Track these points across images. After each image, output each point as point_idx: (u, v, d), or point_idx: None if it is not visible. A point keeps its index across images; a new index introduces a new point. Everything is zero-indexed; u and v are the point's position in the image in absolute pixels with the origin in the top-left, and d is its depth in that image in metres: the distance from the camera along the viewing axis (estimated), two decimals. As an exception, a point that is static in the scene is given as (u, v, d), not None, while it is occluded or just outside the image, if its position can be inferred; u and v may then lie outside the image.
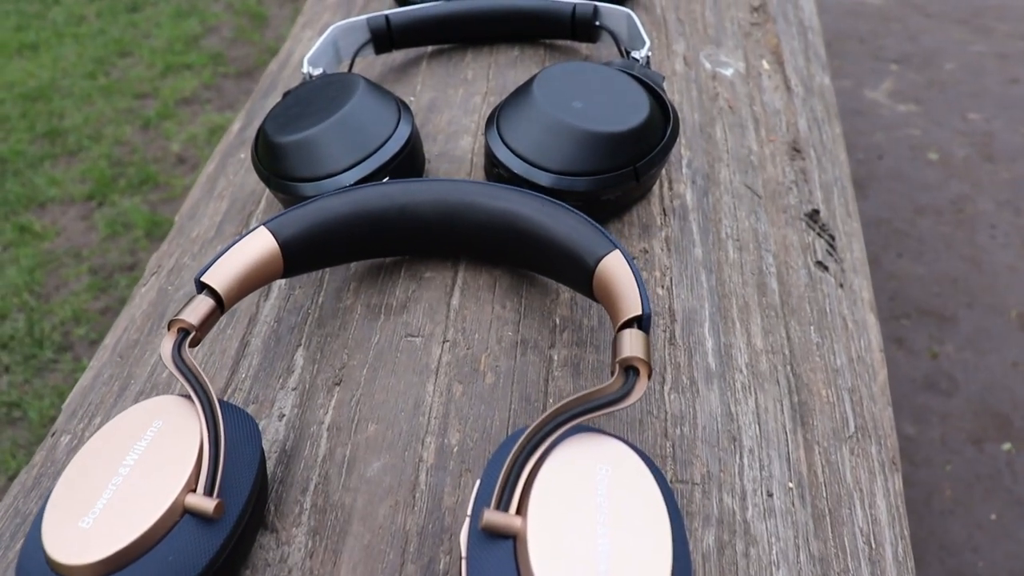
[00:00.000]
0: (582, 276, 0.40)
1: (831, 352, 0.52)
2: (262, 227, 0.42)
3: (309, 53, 0.57)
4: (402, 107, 0.50)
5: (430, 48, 0.64)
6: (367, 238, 0.44)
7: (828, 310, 0.55)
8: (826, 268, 0.58)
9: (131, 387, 0.47)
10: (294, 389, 0.42)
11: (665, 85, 0.62)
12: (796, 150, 0.66)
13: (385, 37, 0.60)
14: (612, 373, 0.34)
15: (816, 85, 0.77)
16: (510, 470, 0.31)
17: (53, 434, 0.48)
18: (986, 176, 1.87)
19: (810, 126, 0.69)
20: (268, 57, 2.19)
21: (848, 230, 0.67)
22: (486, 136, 0.48)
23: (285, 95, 0.54)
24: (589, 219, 0.41)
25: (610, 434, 0.33)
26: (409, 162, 0.49)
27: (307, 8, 0.81)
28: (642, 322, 0.36)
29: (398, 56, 0.64)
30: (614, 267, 0.38)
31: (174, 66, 2.19)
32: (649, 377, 0.34)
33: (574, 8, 0.59)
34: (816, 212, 0.62)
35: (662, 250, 0.49)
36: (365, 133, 0.48)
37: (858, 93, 2.10)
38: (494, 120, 0.49)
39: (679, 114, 0.59)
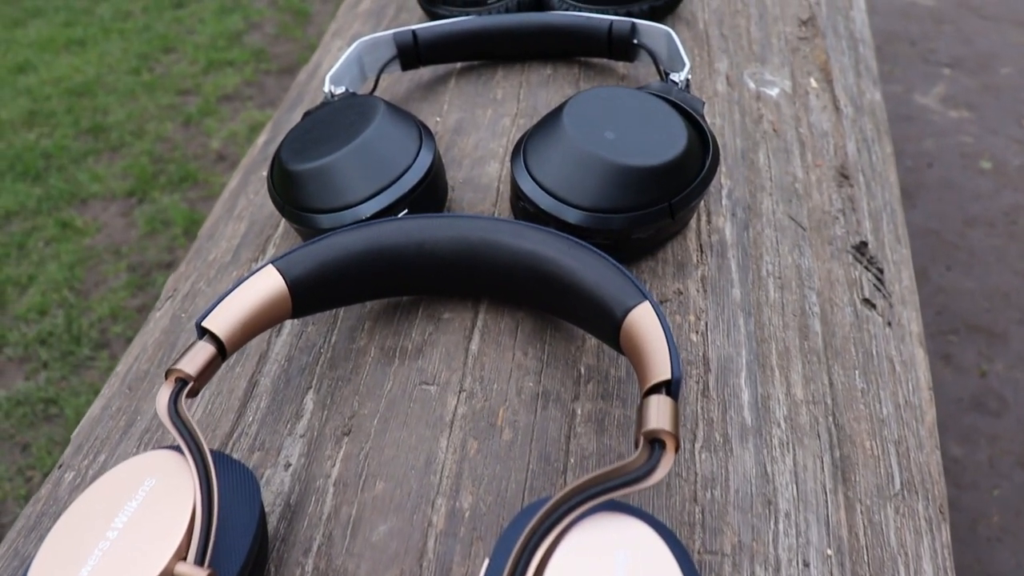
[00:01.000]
0: (608, 327, 0.37)
1: (876, 400, 0.49)
2: (270, 265, 0.39)
3: (332, 70, 0.54)
4: (424, 132, 0.48)
5: (459, 64, 0.61)
6: (382, 276, 0.41)
7: (875, 353, 0.51)
8: (873, 306, 0.55)
9: (137, 424, 0.45)
10: (302, 436, 0.40)
11: (706, 108, 0.58)
12: (844, 176, 0.62)
13: (412, 53, 0.57)
14: (636, 444, 0.31)
15: (866, 102, 0.72)
16: (520, 554, 0.28)
17: (59, 466, 0.46)
18: (1041, 186, 1.79)
19: (859, 148, 0.65)
20: (310, 54, 2.18)
21: (897, 258, 0.63)
22: (512, 167, 0.45)
23: (305, 115, 0.51)
24: (619, 265, 0.38)
25: (632, 510, 0.30)
26: (430, 192, 0.46)
27: (339, 16, 0.79)
28: (671, 388, 0.32)
29: (425, 73, 0.61)
30: (643, 321, 0.35)
31: (216, 62, 2.19)
32: (677, 450, 0.31)
33: (611, 25, 0.56)
34: (864, 244, 0.59)
35: (697, 291, 0.46)
36: (384, 162, 0.45)
37: (908, 98, 2.03)
38: (521, 150, 0.46)
39: (720, 142, 0.56)
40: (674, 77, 0.51)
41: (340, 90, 0.54)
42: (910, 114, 1.99)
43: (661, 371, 0.33)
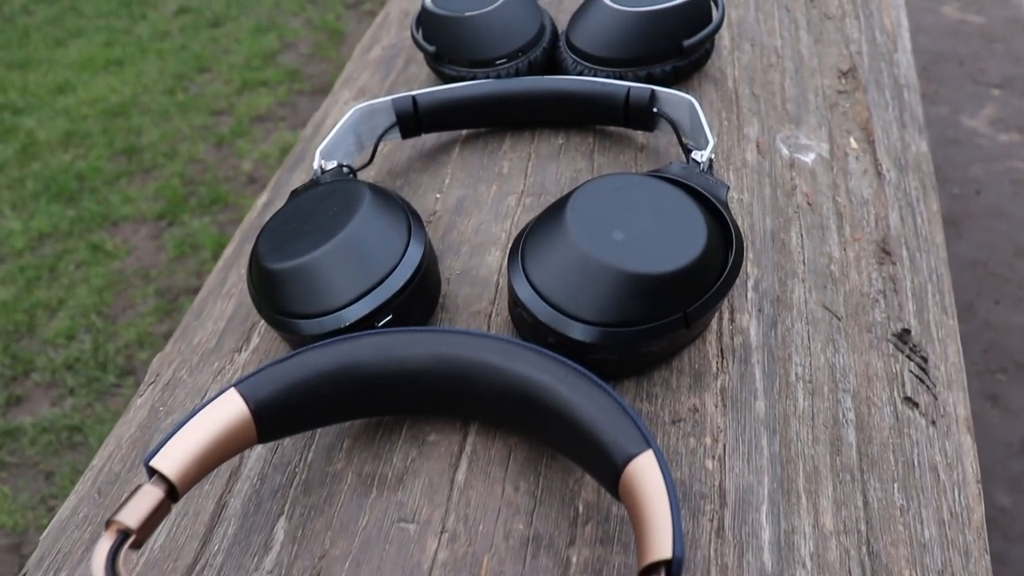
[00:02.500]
0: (607, 473, 0.32)
1: (917, 519, 0.43)
2: (232, 390, 0.35)
3: (323, 143, 0.50)
4: (413, 222, 0.43)
5: (464, 131, 0.57)
6: (358, 398, 0.36)
7: (916, 462, 0.46)
8: (915, 404, 0.49)
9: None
10: (269, 573, 0.36)
11: (734, 182, 0.53)
12: (885, 252, 0.56)
13: (412, 121, 0.53)
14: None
15: (911, 156, 0.67)
16: None
17: (24, 574, 0.42)
18: (1097, 216, 1.70)
19: (903, 216, 0.59)
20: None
21: (943, 332, 0.57)
22: (508, 270, 0.40)
23: (292, 196, 0.47)
24: (622, 402, 0.33)
25: None
26: (420, 292, 0.42)
27: (348, 65, 0.75)
28: (671, 569, 0.27)
29: (429, 138, 0.57)
30: (645, 474, 0.30)
31: (251, 83, 2.17)
32: None
33: (628, 92, 0.51)
34: (906, 332, 0.53)
35: (716, 406, 0.41)
36: (368, 260, 0.40)
37: (955, 120, 1.94)
38: (519, 250, 0.41)
39: (747, 222, 0.51)
40: (696, 156, 0.46)
41: (331, 165, 0.49)
42: (957, 137, 1.90)
43: (660, 547, 0.28)
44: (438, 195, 0.52)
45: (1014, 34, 2.16)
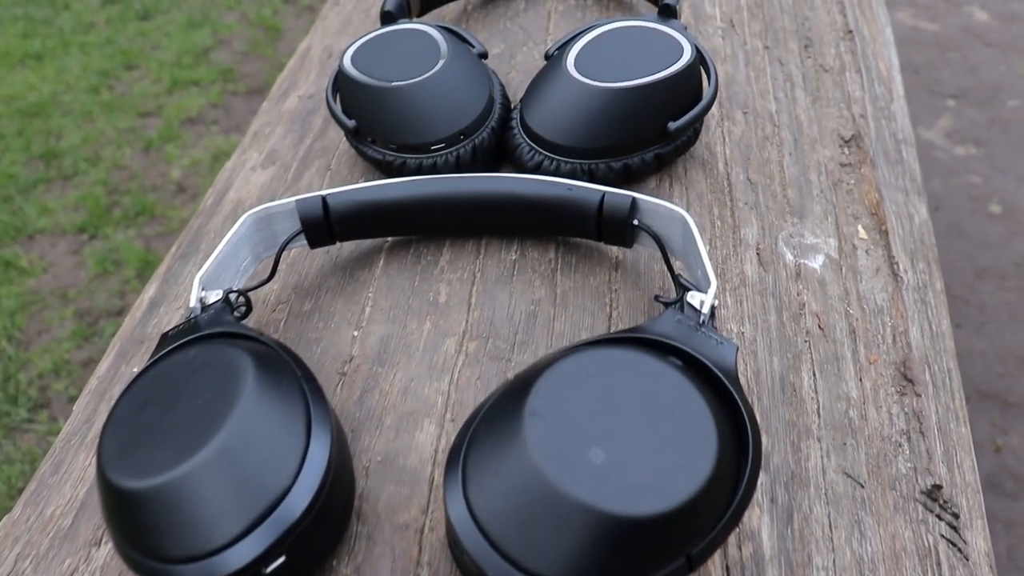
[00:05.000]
0: None
1: None
2: None
3: (204, 267, 0.36)
4: (315, 407, 0.30)
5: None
6: None
7: None
8: (957, 596, 0.38)
9: None
10: None
11: (730, 302, 0.41)
12: (907, 379, 0.45)
13: (322, 228, 0.40)
14: None
15: (917, 231, 0.55)
16: None
17: None
18: (1056, 237, 1.63)
19: (922, 328, 0.48)
20: (279, 75, 1.98)
21: (964, 464, 0.46)
22: (445, 492, 0.28)
23: (160, 343, 0.34)
24: None
25: None
26: (326, 515, 0.29)
27: (259, 115, 0.61)
28: None
29: (347, 246, 0.43)
30: None
31: (181, 82, 1.99)
32: None
33: (602, 199, 0.38)
34: (937, 488, 0.42)
35: None
36: (253, 478, 0.28)
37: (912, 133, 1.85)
38: (459, 465, 0.28)
39: (751, 367, 0.38)
40: (694, 299, 0.34)
41: (215, 296, 0.36)
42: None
43: None
44: (355, 332, 0.38)
45: (968, 43, 2.08)
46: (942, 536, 0.40)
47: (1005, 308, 1.51)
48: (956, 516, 0.42)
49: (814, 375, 0.41)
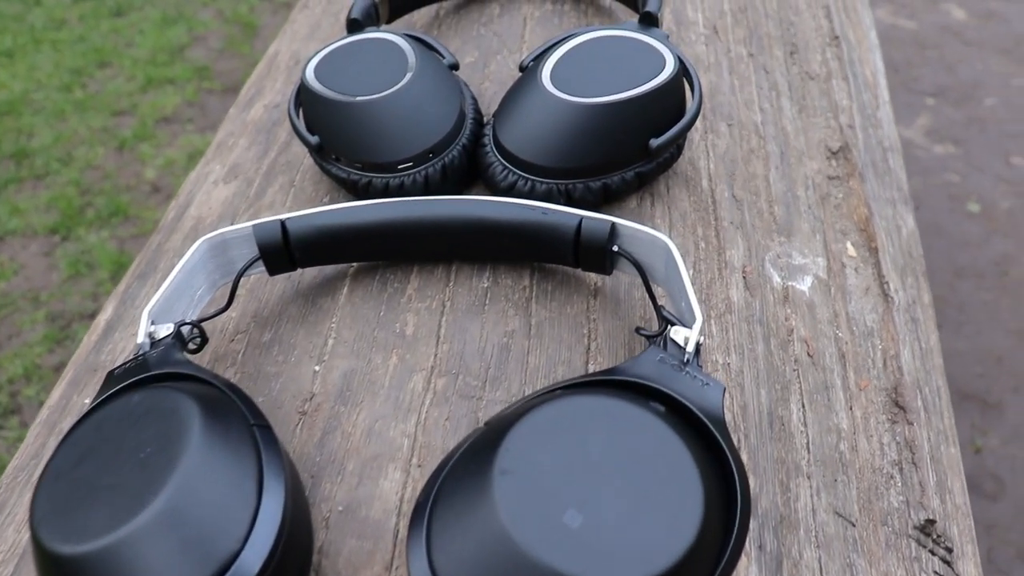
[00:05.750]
0: None
1: None
2: None
3: (153, 299, 0.33)
4: (267, 458, 0.27)
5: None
6: None
7: None
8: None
9: None
10: None
11: (715, 330, 0.38)
12: (899, 406, 0.43)
13: (282, 254, 0.37)
14: None
15: (904, 244, 0.53)
16: None
17: None
18: (1034, 235, 1.62)
19: (913, 350, 0.46)
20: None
21: (956, 491, 0.43)
22: (408, 559, 0.25)
23: (106, 382, 0.31)
24: None
25: None
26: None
27: (224, 124, 0.57)
28: None
29: (310, 271, 0.40)
30: None
31: (156, 80, 1.94)
32: None
33: (580, 224, 0.35)
34: (931, 523, 0.39)
35: None
36: (200, 540, 0.25)
37: (891, 131, 1.84)
38: (424, 525, 0.26)
39: (739, 401, 0.36)
40: (678, 335, 0.31)
41: (166, 330, 0.33)
42: (893, 149, 1.80)
43: None
44: (317, 367, 0.35)
45: (946, 41, 2.07)
46: (935, 573, 0.38)
47: (983, 308, 1.50)
48: (950, 551, 0.40)
49: (803, 406, 0.39)
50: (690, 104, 0.41)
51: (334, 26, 0.61)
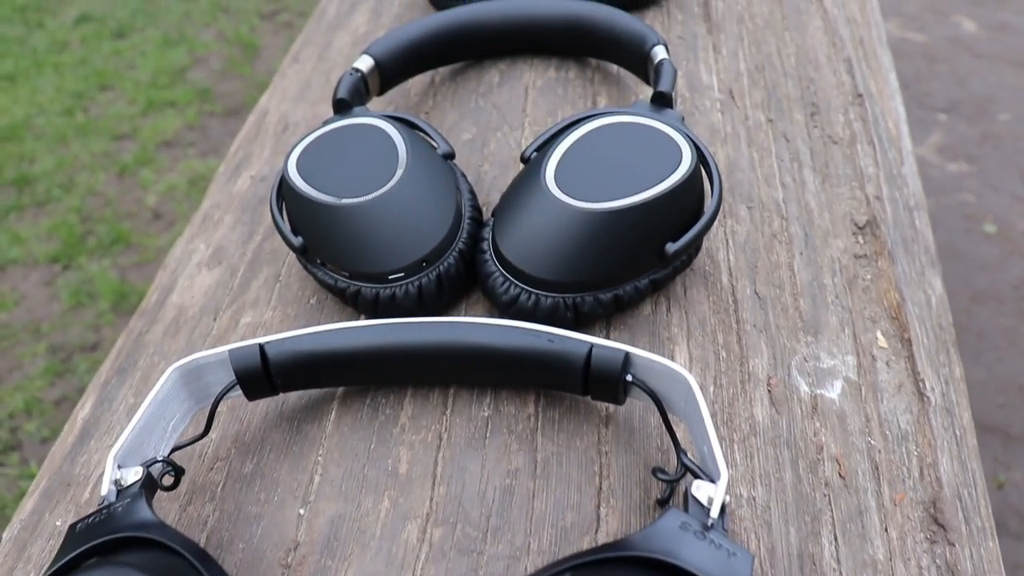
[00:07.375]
0: None
1: None
2: None
3: (117, 444, 0.30)
4: None
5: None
6: None
7: None
8: None
9: None
10: None
11: (739, 458, 0.34)
12: (939, 524, 0.39)
13: (262, 380, 0.33)
14: None
15: (934, 315, 0.49)
16: None
17: None
18: (1053, 258, 1.58)
19: (952, 454, 0.42)
20: (257, 94, 1.90)
21: None
22: None
23: (66, 538, 0.28)
24: None
25: None
26: None
27: (209, 193, 0.54)
28: None
29: (295, 392, 0.37)
30: None
31: (157, 103, 1.91)
32: None
33: (590, 353, 0.32)
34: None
35: None
36: None
37: (904, 149, 1.79)
38: None
39: (764, 544, 0.32)
40: (699, 493, 0.27)
41: (134, 475, 0.30)
42: (906, 168, 1.75)
43: None
44: (302, 510, 0.32)
45: (957, 55, 2.02)
46: None
47: (1003, 334, 1.45)
48: None
49: (835, 539, 0.35)
50: (709, 201, 0.37)
51: (324, 87, 0.57)
